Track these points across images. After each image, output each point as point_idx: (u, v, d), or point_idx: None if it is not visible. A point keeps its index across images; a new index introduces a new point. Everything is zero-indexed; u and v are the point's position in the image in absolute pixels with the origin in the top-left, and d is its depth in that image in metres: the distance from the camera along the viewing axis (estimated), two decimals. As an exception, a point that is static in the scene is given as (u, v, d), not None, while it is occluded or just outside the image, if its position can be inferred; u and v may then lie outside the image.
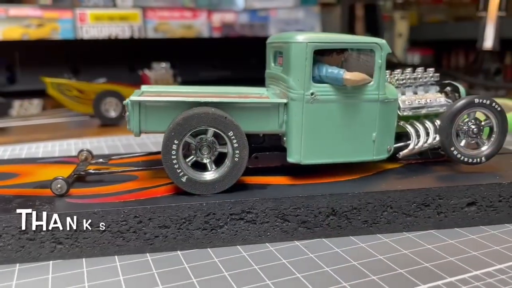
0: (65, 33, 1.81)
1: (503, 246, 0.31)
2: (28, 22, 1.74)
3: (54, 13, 1.75)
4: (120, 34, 1.87)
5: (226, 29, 2.03)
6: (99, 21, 1.79)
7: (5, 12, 1.70)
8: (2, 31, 1.74)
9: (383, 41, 0.35)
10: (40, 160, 0.42)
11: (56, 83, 0.74)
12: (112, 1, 1.81)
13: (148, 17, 1.85)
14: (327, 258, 0.30)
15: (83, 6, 1.78)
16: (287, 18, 2.08)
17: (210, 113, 0.32)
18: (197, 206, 0.31)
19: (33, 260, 0.30)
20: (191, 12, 1.94)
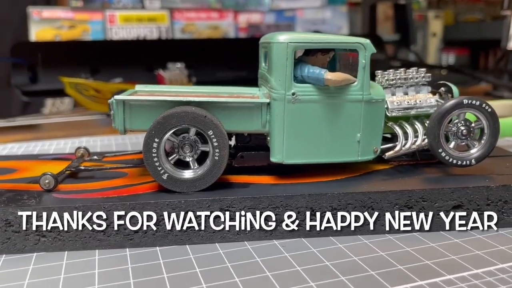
0: (95, 35, 1.86)
1: (484, 251, 0.31)
2: (60, 24, 1.80)
3: (85, 15, 1.81)
4: (148, 35, 1.91)
5: (252, 29, 2.04)
6: (128, 23, 1.83)
7: (38, 14, 1.77)
8: (36, 33, 1.81)
9: (367, 41, 0.34)
10: (40, 157, 0.43)
11: (73, 83, 0.76)
12: (140, 2, 1.85)
13: (176, 18, 1.89)
14: (302, 257, 0.30)
15: (112, 8, 1.83)
16: (313, 18, 2.07)
17: (189, 112, 0.32)
18: (175, 203, 0.32)
19: (18, 251, 0.31)
20: (218, 13, 1.96)
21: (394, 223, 0.33)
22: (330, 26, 2.03)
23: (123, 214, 0.31)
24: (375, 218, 0.33)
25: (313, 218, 0.33)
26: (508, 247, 0.31)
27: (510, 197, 0.34)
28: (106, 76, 0.85)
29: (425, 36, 1.81)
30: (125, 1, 1.80)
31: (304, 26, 2.10)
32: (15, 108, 1.23)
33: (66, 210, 0.31)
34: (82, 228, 0.31)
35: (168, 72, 0.81)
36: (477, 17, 1.87)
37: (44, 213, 0.31)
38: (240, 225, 0.32)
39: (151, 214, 0.31)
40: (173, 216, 0.32)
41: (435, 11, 1.88)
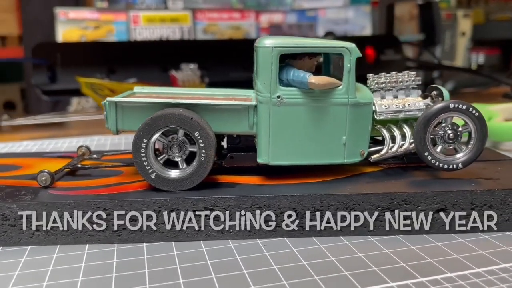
0: (120, 35, 1.91)
1: (463, 255, 0.31)
2: (86, 24, 1.85)
3: (110, 16, 1.85)
4: (171, 35, 1.95)
5: (274, 29, 2.04)
6: (151, 23, 1.87)
7: (65, 15, 1.82)
8: (62, 33, 1.86)
9: (352, 45, 0.35)
10: (46, 154, 0.45)
11: (89, 83, 0.79)
12: (163, 3, 1.89)
13: (198, 19, 1.91)
14: (280, 257, 0.31)
15: (136, 9, 1.87)
16: (336, 17, 2.06)
17: (176, 114, 0.33)
18: (161, 201, 0.33)
19: (14, 244, 0.33)
20: (239, 13, 1.97)
21: (376, 225, 0.34)
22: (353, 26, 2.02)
23: (112, 211, 0.33)
24: (356, 219, 0.34)
25: (295, 218, 0.34)
26: (488, 251, 0.31)
27: (495, 202, 0.34)
28: (122, 76, 0.87)
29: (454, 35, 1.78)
30: (148, 2, 1.84)
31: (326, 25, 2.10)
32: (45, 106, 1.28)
33: (58, 206, 0.33)
34: (73, 224, 0.33)
35: (181, 73, 0.83)
36: (509, 16, 1.83)
37: (38, 209, 0.33)
38: (224, 224, 0.33)
39: (138, 212, 0.33)
40: (159, 214, 0.33)
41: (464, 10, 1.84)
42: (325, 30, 2.14)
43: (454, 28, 1.78)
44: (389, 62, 1.04)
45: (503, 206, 0.34)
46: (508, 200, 0.34)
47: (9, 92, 1.96)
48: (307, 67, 0.37)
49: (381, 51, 1.04)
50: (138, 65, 0.91)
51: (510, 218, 0.34)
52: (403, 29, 1.86)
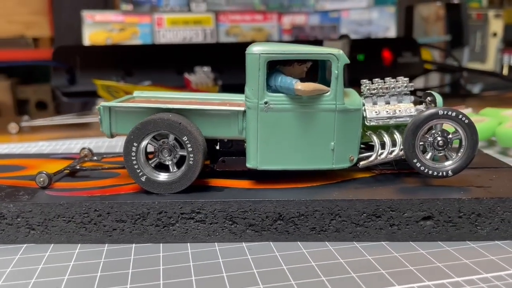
0: (144, 37, 1.94)
1: (445, 264, 0.31)
2: (111, 27, 1.89)
3: (135, 18, 1.89)
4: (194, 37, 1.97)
5: (296, 31, 2.04)
6: (175, 25, 1.90)
7: (91, 17, 1.87)
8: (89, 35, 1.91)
9: (340, 52, 0.35)
10: (52, 156, 0.47)
11: (105, 85, 0.81)
12: (187, 5, 1.92)
13: (221, 21, 1.93)
14: (262, 261, 0.32)
15: (160, 11, 1.90)
16: (359, 19, 2.04)
17: (165, 119, 0.34)
18: (150, 204, 0.34)
19: (11, 242, 0.35)
20: (262, 15, 1.98)
21: (361, 231, 0.34)
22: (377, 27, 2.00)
23: (102, 212, 0.34)
24: (342, 225, 0.34)
25: (281, 223, 0.34)
26: (472, 261, 0.31)
27: (483, 210, 0.33)
28: (139, 79, 0.89)
29: (485, 36, 1.74)
30: (172, 4, 1.87)
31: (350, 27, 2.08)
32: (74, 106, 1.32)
33: (52, 206, 0.34)
34: (66, 223, 0.34)
35: (194, 75, 0.84)
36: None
37: (34, 209, 0.34)
38: (210, 227, 0.34)
39: (128, 213, 0.34)
40: (148, 216, 0.34)
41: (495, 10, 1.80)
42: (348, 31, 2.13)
43: (485, 29, 1.74)
44: (406, 64, 1.03)
45: (491, 215, 0.33)
46: (497, 209, 0.33)
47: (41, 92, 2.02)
48: (297, 73, 0.37)
49: (399, 53, 1.03)
50: (155, 68, 0.93)
51: (499, 227, 0.34)
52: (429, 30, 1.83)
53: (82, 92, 0.88)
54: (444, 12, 1.61)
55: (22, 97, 2.08)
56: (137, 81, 0.88)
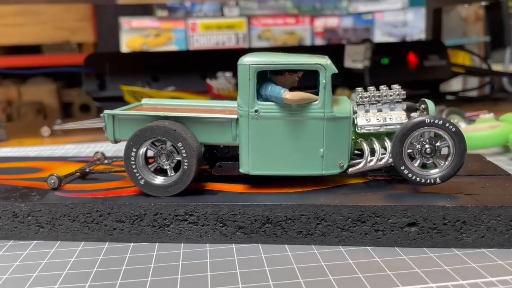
0: (178, 42, 1.99)
1: (423, 270, 0.31)
2: (148, 33, 1.95)
3: (170, 24, 1.94)
4: (227, 42, 2.00)
5: (329, 33, 2.04)
6: (208, 30, 1.94)
7: (128, 24, 1.93)
8: (126, 41, 1.97)
9: (327, 62, 0.36)
10: (69, 159, 0.50)
11: (131, 91, 0.85)
12: (220, 10, 1.95)
13: (253, 25, 1.96)
14: (247, 262, 0.33)
15: (194, 17, 1.95)
16: (394, 20, 2.02)
17: (161, 126, 0.37)
18: (146, 205, 0.36)
19: (23, 238, 0.38)
20: (294, 18, 1.99)
21: (347, 236, 0.35)
22: (412, 29, 1.97)
23: (104, 212, 0.37)
24: (328, 229, 0.35)
25: (269, 226, 0.36)
26: (451, 268, 0.31)
27: (469, 218, 0.34)
28: (165, 84, 0.92)
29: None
30: (206, 10, 1.91)
31: (383, 29, 2.06)
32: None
33: (59, 206, 0.37)
34: (71, 222, 0.37)
35: (215, 81, 0.87)
36: None
37: (43, 208, 0.37)
38: (203, 229, 0.36)
39: (126, 214, 0.36)
40: (145, 217, 0.36)
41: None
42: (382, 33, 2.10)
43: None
44: (432, 68, 1.02)
45: (477, 223, 0.34)
46: (482, 217, 0.34)
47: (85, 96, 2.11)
48: (289, 83, 0.38)
49: (425, 56, 1.02)
50: (180, 74, 0.96)
51: (485, 235, 0.34)
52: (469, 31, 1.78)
53: (111, 97, 0.92)
54: (484, 12, 1.57)
55: (67, 100, 2.17)
56: (162, 86, 0.91)
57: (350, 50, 0.93)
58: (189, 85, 0.92)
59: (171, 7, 1.94)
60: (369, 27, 2.08)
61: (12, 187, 0.41)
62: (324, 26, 2.04)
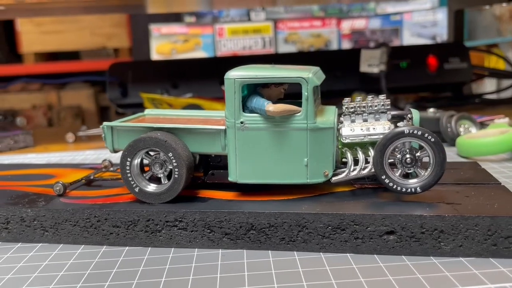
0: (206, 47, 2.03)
1: (396, 277, 0.32)
2: (176, 38, 2.00)
3: (197, 30, 1.98)
4: (253, 46, 2.03)
5: (356, 35, 2.03)
6: (235, 35, 1.97)
7: (158, 30, 1.99)
8: (156, 47, 2.03)
9: (309, 75, 0.37)
10: (81, 166, 0.54)
11: (150, 98, 0.88)
12: (247, 15, 1.98)
13: (279, 29, 1.97)
14: (229, 266, 0.35)
15: (221, 22, 1.98)
16: (423, 20, 1.99)
17: (153, 137, 0.39)
18: (139, 212, 0.39)
19: (29, 241, 0.41)
20: (321, 21, 1.99)
21: (328, 243, 0.36)
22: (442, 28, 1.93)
23: (101, 218, 0.39)
24: (309, 236, 0.36)
25: (253, 232, 0.37)
26: (424, 276, 0.32)
27: (446, 227, 0.34)
28: (184, 91, 0.95)
29: None
30: (233, 15, 1.94)
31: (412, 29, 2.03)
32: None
33: (61, 212, 0.40)
34: (72, 227, 0.40)
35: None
36: None
37: (47, 213, 0.40)
38: (191, 234, 0.38)
39: (121, 219, 0.39)
40: (138, 222, 0.39)
41: None
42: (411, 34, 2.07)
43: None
44: (453, 70, 1.00)
45: (454, 232, 0.34)
46: (460, 227, 0.34)
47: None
48: (275, 95, 0.40)
49: (445, 59, 1.01)
50: (199, 80, 0.99)
51: (463, 244, 0.34)
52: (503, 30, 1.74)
53: (133, 104, 0.96)
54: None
55: (104, 104, 2.25)
56: (180, 93, 0.94)
57: (366, 54, 0.94)
58: (207, 92, 0.94)
59: (199, 13, 1.98)
60: (398, 28, 2.06)
61: (23, 193, 0.44)
62: (351, 27, 2.03)
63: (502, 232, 0.34)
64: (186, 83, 0.98)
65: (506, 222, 0.33)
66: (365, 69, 0.93)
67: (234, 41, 1.97)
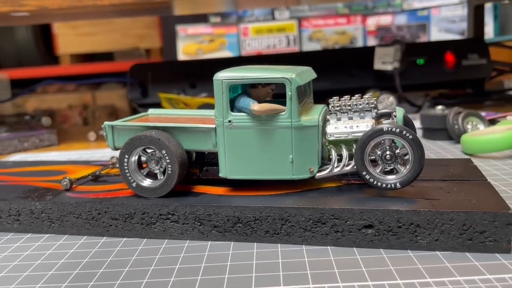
0: (231, 47, 2.06)
1: (369, 269, 0.33)
2: (202, 39, 2.03)
3: (222, 30, 2.02)
4: (277, 44, 2.04)
5: (381, 32, 2.01)
6: (259, 34, 1.99)
7: (184, 31, 2.03)
8: (182, 48, 2.07)
9: (292, 76, 0.39)
10: (93, 163, 0.57)
11: (168, 98, 0.91)
12: (271, 14, 1.99)
13: (304, 27, 1.98)
14: (214, 257, 0.37)
15: (246, 21, 2.00)
16: (452, 15, 1.96)
17: (147, 135, 0.41)
18: (135, 205, 0.41)
19: (38, 232, 0.44)
20: (346, 18, 1.99)
21: (309, 236, 0.38)
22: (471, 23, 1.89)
23: (101, 211, 0.42)
24: (292, 229, 0.38)
25: (240, 225, 0.39)
26: (397, 268, 0.33)
27: (422, 221, 0.35)
28: (200, 91, 0.98)
29: None
30: (257, 14, 1.96)
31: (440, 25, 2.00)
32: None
33: (65, 205, 0.43)
34: (76, 219, 0.43)
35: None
36: None
37: (53, 206, 0.43)
38: (183, 227, 0.40)
39: (120, 212, 0.42)
40: (134, 215, 0.41)
41: None
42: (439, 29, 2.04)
43: None
44: (472, 67, 0.99)
45: (430, 227, 0.35)
46: (435, 221, 0.35)
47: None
48: (263, 95, 0.42)
49: (464, 55, 1.00)
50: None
51: (439, 238, 0.35)
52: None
53: (152, 104, 0.99)
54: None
55: (136, 103, 2.30)
56: (198, 93, 0.97)
57: (380, 52, 0.94)
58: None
59: (224, 13, 2.00)
60: (425, 23, 2.03)
61: (35, 187, 0.48)
62: (377, 24, 2.02)
63: (477, 227, 0.34)
64: (203, 83, 1.00)
65: (480, 218, 0.34)
66: (379, 66, 0.93)
67: (259, 40, 1.99)
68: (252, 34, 2.03)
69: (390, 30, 2.06)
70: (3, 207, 0.45)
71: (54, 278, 0.35)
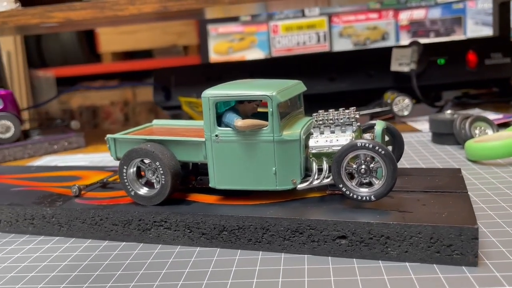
0: (261, 45, 2.08)
1: (337, 278, 0.35)
2: (233, 37, 2.07)
3: (253, 28, 2.04)
4: (307, 42, 2.05)
5: (414, 26, 1.98)
6: (289, 31, 2.00)
7: (215, 30, 2.07)
8: (213, 46, 2.11)
9: (273, 93, 0.41)
10: (106, 168, 0.61)
11: (187, 101, 0.95)
12: (301, 11, 2.00)
13: (334, 23, 1.97)
14: (198, 263, 0.40)
15: (275, 19, 2.02)
16: (488, 8, 1.90)
17: (143, 148, 0.45)
18: (132, 213, 0.45)
19: (49, 235, 0.49)
20: (377, 13, 1.97)
21: (288, 245, 0.40)
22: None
23: (103, 217, 0.46)
24: (273, 238, 0.40)
25: (225, 233, 0.42)
26: (363, 278, 0.35)
27: (392, 233, 0.37)
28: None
29: None
30: (287, 12, 1.97)
31: (476, 18, 1.95)
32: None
33: (72, 211, 0.47)
34: (81, 224, 0.47)
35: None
36: None
37: (61, 212, 0.48)
38: (175, 233, 0.44)
39: (119, 219, 0.45)
40: (132, 222, 0.45)
41: None
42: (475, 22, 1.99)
43: None
44: (495, 66, 0.97)
45: (400, 239, 0.37)
46: (404, 234, 0.36)
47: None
48: (248, 110, 0.44)
49: (487, 55, 0.98)
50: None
51: (409, 250, 0.37)
52: None
53: (176, 106, 1.04)
54: None
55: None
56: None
57: (397, 53, 0.94)
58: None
59: (254, 12, 2.01)
60: (460, 17, 1.99)
61: (48, 193, 0.53)
62: (410, 18, 1.99)
63: (444, 241, 0.36)
64: (224, 85, 1.03)
65: (446, 231, 0.35)
66: (395, 68, 0.93)
67: (289, 38, 2.00)
68: (282, 32, 2.05)
69: (423, 24, 2.02)
70: (19, 212, 0.49)
71: (54, 279, 0.39)
